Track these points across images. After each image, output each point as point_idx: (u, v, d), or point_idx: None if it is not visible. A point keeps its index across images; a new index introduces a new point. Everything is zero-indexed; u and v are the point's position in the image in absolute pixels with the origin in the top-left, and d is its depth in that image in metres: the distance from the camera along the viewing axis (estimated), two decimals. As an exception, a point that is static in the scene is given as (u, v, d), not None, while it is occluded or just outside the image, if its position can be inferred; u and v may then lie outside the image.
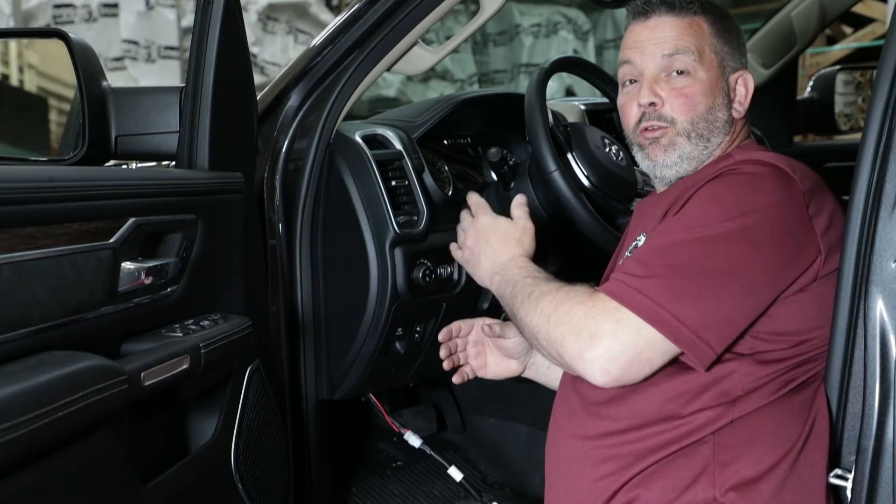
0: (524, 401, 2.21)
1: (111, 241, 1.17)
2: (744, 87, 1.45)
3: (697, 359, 1.24)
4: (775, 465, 1.27)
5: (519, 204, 1.55)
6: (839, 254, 1.28)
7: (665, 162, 1.43)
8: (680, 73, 1.41)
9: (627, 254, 1.42)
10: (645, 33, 1.44)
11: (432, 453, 1.91)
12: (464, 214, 1.61)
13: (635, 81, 1.46)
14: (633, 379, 1.26)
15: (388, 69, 1.80)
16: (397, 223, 1.72)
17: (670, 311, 1.22)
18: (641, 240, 1.40)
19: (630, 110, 1.46)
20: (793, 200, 1.29)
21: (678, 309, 1.22)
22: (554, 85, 5.89)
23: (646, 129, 1.44)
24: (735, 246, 1.25)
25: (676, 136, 1.42)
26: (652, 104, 1.42)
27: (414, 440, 1.90)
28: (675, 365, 1.27)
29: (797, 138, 3.19)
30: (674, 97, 1.41)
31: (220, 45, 1.40)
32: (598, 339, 1.24)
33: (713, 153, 1.44)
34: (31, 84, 5.49)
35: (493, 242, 1.51)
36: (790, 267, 1.28)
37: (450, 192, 1.86)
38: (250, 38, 1.95)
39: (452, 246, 1.64)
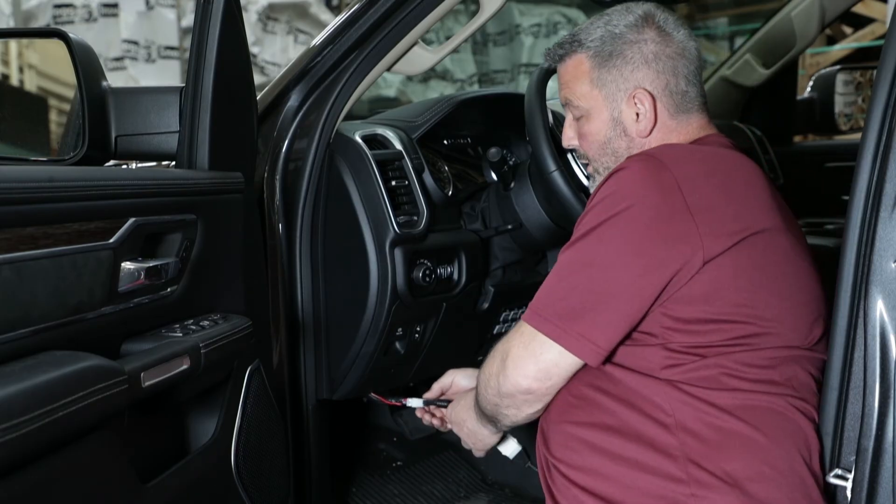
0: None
1: (111, 241, 1.17)
2: (643, 104, 1.44)
3: (585, 357, 1.32)
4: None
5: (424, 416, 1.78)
6: (750, 233, 1.30)
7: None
8: (577, 117, 1.52)
9: None
10: (557, 83, 1.57)
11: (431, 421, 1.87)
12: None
13: None
14: (548, 374, 1.35)
15: (388, 69, 1.80)
16: (397, 223, 1.72)
17: (554, 322, 1.32)
18: None
19: None
20: (663, 190, 1.30)
21: (561, 319, 1.32)
22: (554, 85, 5.88)
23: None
24: (603, 247, 1.31)
25: (594, 170, 1.54)
26: (571, 145, 1.56)
27: (414, 402, 1.84)
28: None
29: (797, 138, 3.20)
30: (580, 139, 1.53)
31: (220, 45, 1.40)
32: (508, 355, 1.38)
33: None
34: (31, 84, 5.49)
35: (467, 423, 1.61)
36: (665, 254, 1.29)
37: (450, 192, 1.86)
38: (250, 38, 1.95)
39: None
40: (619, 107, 1.45)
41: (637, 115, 1.45)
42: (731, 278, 1.29)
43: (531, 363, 1.34)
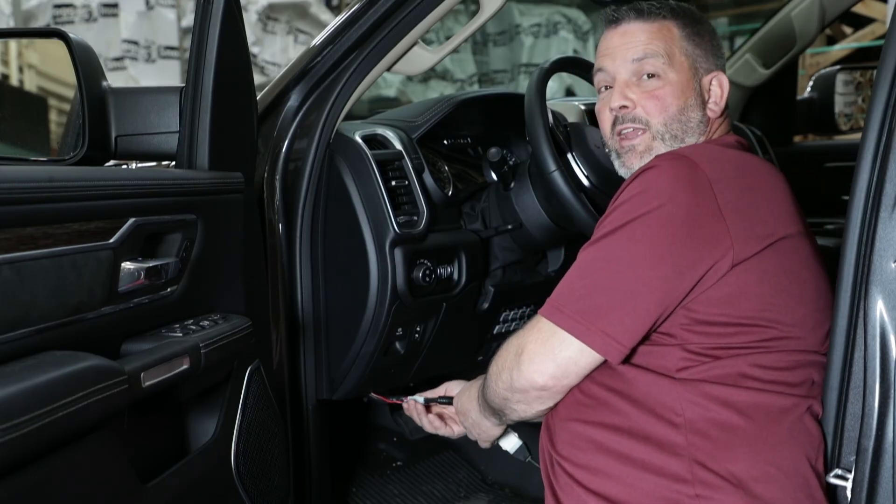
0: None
1: (111, 241, 1.17)
2: (719, 88, 1.48)
3: (608, 355, 1.30)
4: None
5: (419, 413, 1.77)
6: (776, 238, 1.30)
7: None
8: (651, 76, 1.45)
9: None
10: (616, 40, 1.48)
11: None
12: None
13: (610, 88, 1.49)
14: (566, 372, 1.33)
15: (388, 69, 1.80)
16: (397, 223, 1.72)
17: (575, 318, 1.30)
18: None
19: (605, 116, 1.50)
20: (695, 190, 1.29)
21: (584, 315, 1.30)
22: (554, 85, 5.89)
23: (621, 135, 1.48)
24: (633, 244, 1.29)
25: (652, 140, 1.45)
26: (623, 107, 1.46)
27: (415, 399, 1.84)
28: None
29: (797, 138, 3.19)
30: (645, 99, 1.45)
31: (220, 45, 1.40)
32: (524, 350, 1.36)
33: None
34: (31, 84, 5.49)
35: (471, 414, 1.61)
36: (696, 255, 1.28)
37: (450, 192, 1.86)
38: (250, 38, 1.95)
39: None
40: (700, 81, 1.47)
41: (710, 96, 1.47)
42: (756, 283, 1.29)
43: (548, 359, 1.33)
